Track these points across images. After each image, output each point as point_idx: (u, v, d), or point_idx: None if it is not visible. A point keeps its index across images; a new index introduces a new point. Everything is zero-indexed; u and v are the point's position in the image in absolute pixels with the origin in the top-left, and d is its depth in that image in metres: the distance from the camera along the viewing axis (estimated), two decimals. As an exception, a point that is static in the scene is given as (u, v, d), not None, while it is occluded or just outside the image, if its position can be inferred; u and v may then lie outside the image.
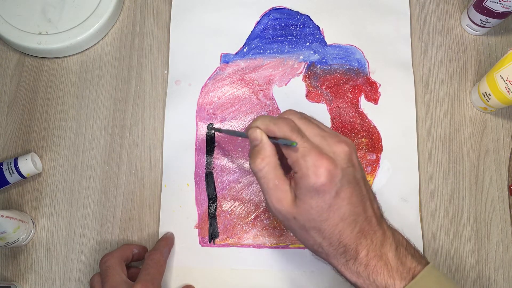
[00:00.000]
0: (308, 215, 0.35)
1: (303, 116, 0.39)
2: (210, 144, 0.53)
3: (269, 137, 0.37)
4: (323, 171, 0.34)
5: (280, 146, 0.37)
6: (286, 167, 0.38)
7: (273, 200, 0.37)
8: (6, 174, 0.50)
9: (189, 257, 0.50)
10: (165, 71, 0.55)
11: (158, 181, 0.52)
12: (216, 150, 0.53)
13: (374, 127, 0.53)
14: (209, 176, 0.52)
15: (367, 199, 0.37)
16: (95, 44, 0.56)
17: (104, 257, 0.45)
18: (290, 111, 0.39)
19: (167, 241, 0.49)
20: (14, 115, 0.54)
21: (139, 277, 0.42)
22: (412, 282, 0.35)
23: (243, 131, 0.53)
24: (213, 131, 0.52)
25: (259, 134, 0.37)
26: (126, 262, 0.47)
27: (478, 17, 0.53)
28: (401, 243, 0.37)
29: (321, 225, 0.35)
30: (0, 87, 0.55)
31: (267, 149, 0.37)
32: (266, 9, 0.57)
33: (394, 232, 0.38)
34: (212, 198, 0.51)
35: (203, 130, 0.53)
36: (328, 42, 0.55)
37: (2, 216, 0.45)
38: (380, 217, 0.38)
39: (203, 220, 0.51)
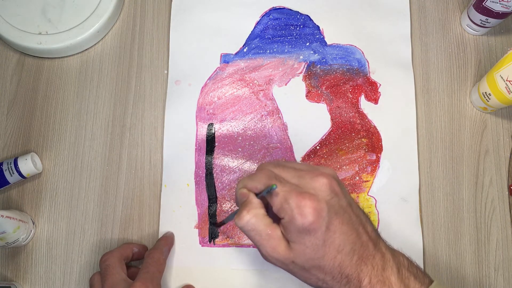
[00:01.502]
0: (305, 255, 0.35)
1: (277, 163, 0.39)
2: (210, 144, 0.53)
3: (256, 194, 0.38)
4: (308, 210, 0.34)
5: (267, 198, 0.37)
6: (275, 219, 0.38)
7: (268, 250, 0.36)
8: (6, 174, 0.50)
9: (189, 257, 0.50)
10: (165, 71, 0.55)
11: (158, 181, 0.52)
12: (216, 150, 0.53)
13: (374, 127, 0.53)
14: (209, 176, 0.52)
15: (359, 224, 0.37)
16: (95, 44, 0.56)
17: (104, 256, 0.45)
18: (265, 163, 0.40)
19: (167, 240, 0.49)
20: (14, 115, 0.55)
21: (138, 276, 0.42)
22: None
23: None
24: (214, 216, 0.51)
25: (245, 191, 0.38)
26: (126, 261, 0.47)
27: (478, 17, 0.53)
28: (403, 264, 0.37)
29: (320, 262, 0.35)
30: (0, 87, 0.55)
31: (253, 202, 0.37)
32: (266, 9, 0.57)
33: (394, 253, 0.38)
34: (212, 198, 0.51)
35: (203, 130, 0.53)
36: (328, 42, 0.55)
37: (2, 216, 0.45)
38: (376, 240, 0.37)
39: (203, 220, 0.51)
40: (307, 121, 0.53)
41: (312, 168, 0.38)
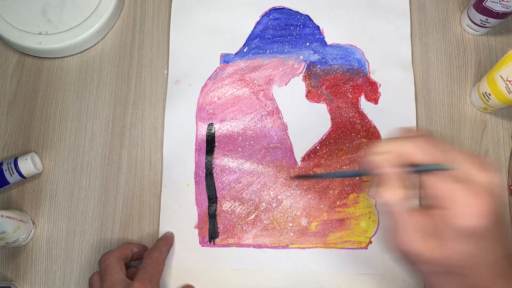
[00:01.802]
0: (451, 260, 0.30)
1: (433, 136, 0.32)
2: (210, 144, 0.53)
3: (409, 166, 0.31)
4: (478, 211, 0.29)
5: (421, 175, 0.31)
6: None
7: (404, 240, 0.31)
8: (6, 174, 0.50)
9: (189, 257, 0.50)
10: (165, 71, 0.55)
11: (158, 181, 0.52)
12: (216, 150, 0.53)
13: (374, 127, 0.53)
14: (209, 176, 0.52)
15: (509, 239, 0.32)
16: (95, 44, 0.56)
17: (104, 255, 0.45)
18: (415, 131, 0.32)
19: (167, 240, 0.49)
20: (14, 115, 0.55)
21: (137, 276, 0.42)
22: None
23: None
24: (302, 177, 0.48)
25: (393, 158, 0.31)
26: (126, 261, 0.47)
27: (478, 17, 0.53)
28: None
29: (467, 271, 0.30)
30: (0, 87, 0.55)
31: (404, 178, 0.31)
32: (266, 9, 0.57)
33: None
34: (212, 198, 0.51)
35: (203, 130, 0.53)
36: (328, 42, 0.55)
37: (2, 216, 0.45)
38: None
39: (203, 220, 0.51)
40: (307, 121, 0.53)
41: (474, 155, 0.31)
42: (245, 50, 0.55)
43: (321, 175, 0.45)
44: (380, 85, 0.54)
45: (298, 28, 0.56)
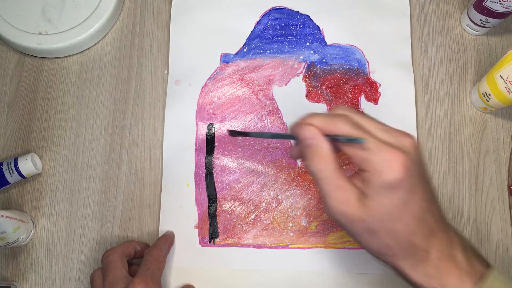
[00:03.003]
0: (379, 215, 0.33)
1: (356, 111, 0.36)
2: (210, 144, 0.53)
3: (326, 136, 0.35)
4: (398, 166, 0.32)
5: (340, 144, 0.35)
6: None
7: (336, 202, 0.34)
8: (6, 174, 0.50)
9: (189, 257, 0.50)
10: (165, 71, 0.55)
11: (158, 181, 0.52)
12: (216, 150, 0.53)
13: (374, 127, 0.53)
14: (209, 176, 0.52)
15: (434, 197, 0.35)
16: (95, 44, 0.56)
17: (106, 252, 0.45)
18: (342, 107, 0.36)
19: (167, 239, 0.49)
20: (14, 115, 0.55)
21: (138, 273, 0.42)
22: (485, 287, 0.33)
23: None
24: (236, 135, 0.47)
25: (313, 131, 0.34)
26: (128, 258, 0.47)
27: (478, 17, 0.53)
28: (466, 243, 0.36)
29: (393, 225, 0.33)
30: (0, 87, 0.55)
31: (325, 147, 0.34)
32: (266, 9, 0.57)
33: (457, 232, 0.36)
34: (212, 198, 0.51)
35: (203, 130, 0.53)
36: (328, 42, 0.55)
37: (2, 216, 0.45)
38: (444, 216, 0.36)
39: (203, 220, 0.51)
40: (307, 121, 0.53)
41: (393, 127, 0.35)
42: (245, 50, 0.56)
43: (253, 134, 0.46)
44: (380, 85, 0.54)
45: (298, 28, 0.56)
